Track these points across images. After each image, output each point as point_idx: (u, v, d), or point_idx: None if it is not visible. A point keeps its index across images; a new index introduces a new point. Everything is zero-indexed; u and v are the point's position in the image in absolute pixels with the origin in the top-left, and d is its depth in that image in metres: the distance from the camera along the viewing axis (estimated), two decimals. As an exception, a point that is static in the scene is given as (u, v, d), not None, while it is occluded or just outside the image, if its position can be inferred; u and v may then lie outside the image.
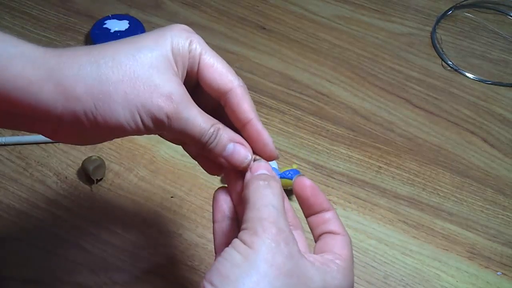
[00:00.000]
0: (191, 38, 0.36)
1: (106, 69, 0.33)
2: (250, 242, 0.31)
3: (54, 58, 0.33)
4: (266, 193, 0.33)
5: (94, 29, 0.70)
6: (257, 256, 0.30)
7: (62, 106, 0.32)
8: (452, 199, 0.58)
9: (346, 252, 0.35)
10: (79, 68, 0.33)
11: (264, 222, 0.31)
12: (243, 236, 0.31)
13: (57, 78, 0.32)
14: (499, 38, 0.76)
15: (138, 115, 0.33)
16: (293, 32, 0.75)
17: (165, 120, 0.34)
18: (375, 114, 0.66)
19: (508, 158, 0.62)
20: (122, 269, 0.51)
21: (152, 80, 0.33)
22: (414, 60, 0.72)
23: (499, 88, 0.69)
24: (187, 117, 0.34)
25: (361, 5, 0.79)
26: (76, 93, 0.32)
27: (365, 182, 0.59)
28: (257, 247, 0.30)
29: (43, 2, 0.76)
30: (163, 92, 0.33)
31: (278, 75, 0.69)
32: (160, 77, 0.34)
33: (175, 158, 0.60)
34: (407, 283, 0.52)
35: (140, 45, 0.35)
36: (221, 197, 0.38)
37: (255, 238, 0.31)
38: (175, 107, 0.34)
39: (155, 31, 0.36)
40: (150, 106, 0.33)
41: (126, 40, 0.36)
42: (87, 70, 0.33)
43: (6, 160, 0.59)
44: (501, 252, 0.54)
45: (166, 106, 0.33)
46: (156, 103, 0.33)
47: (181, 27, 0.37)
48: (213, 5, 0.78)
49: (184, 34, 0.36)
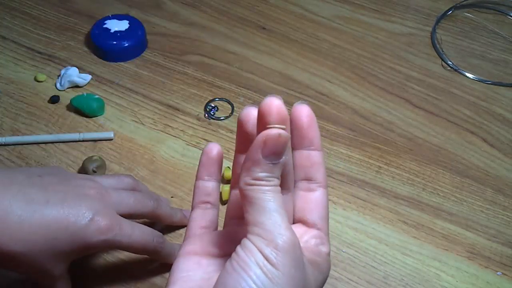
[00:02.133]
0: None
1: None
2: (275, 260, 0.29)
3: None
4: (272, 195, 0.31)
5: (94, 29, 0.70)
6: (283, 282, 0.29)
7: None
8: (452, 199, 0.58)
9: (326, 224, 0.35)
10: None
11: (282, 229, 0.30)
12: (261, 246, 0.29)
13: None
14: (499, 38, 0.76)
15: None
16: (293, 32, 0.75)
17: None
18: (375, 114, 0.66)
19: (508, 158, 0.62)
20: (122, 269, 0.51)
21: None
22: (414, 60, 0.72)
23: (499, 88, 0.69)
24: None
25: (361, 5, 0.79)
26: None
27: (365, 182, 0.59)
28: (283, 269, 0.29)
29: (43, 2, 0.76)
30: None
31: (278, 75, 0.69)
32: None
33: (175, 158, 0.60)
34: (407, 283, 0.52)
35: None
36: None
37: (279, 254, 0.29)
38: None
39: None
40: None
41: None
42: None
43: (6, 160, 0.59)
44: (501, 252, 0.54)
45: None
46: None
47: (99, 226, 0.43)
48: (213, 5, 0.78)
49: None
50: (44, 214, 0.41)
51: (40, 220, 0.40)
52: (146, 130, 0.62)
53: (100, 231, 0.42)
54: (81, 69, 0.67)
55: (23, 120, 0.63)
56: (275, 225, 0.30)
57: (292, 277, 0.29)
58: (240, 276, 0.29)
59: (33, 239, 0.40)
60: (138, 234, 0.44)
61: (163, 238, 0.47)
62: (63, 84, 0.65)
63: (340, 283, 0.51)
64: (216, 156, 0.37)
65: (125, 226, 0.44)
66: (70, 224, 0.41)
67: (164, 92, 0.66)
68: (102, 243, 0.42)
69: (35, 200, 0.41)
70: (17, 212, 0.40)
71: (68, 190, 0.43)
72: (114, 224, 0.43)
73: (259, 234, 0.30)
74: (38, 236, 0.40)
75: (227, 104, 0.65)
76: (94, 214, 0.42)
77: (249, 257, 0.29)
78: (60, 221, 0.41)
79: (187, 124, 0.63)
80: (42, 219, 0.40)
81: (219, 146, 0.37)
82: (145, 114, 0.64)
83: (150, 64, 0.70)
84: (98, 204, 0.43)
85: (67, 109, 0.64)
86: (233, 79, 0.68)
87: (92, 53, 0.70)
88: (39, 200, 0.41)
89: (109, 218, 0.43)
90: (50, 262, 0.42)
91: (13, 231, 0.39)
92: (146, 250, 0.45)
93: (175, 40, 0.73)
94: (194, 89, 0.67)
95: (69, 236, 0.41)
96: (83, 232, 0.41)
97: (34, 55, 0.69)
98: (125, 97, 0.65)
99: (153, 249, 0.46)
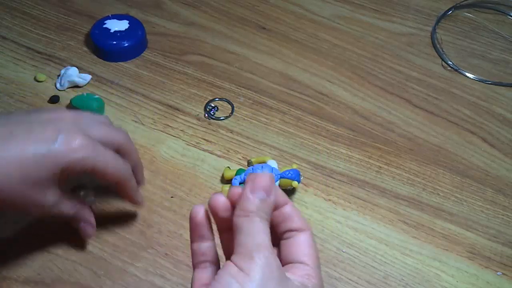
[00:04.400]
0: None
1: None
2: (247, 268, 0.32)
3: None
4: (257, 221, 0.34)
5: (94, 29, 0.70)
6: (253, 285, 0.31)
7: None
8: (452, 199, 0.58)
9: (313, 260, 0.36)
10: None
11: (259, 247, 0.33)
12: (237, 261, 0.32)
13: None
14: (499, 38, 0.76)
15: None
16: (293, 32, 0.75)
17: None
18: (375, 114, 0.66)
19: (508, 158, 0.62)
20: (122, 269, 0.51)
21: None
22: (414, 60, 0.72)
23: (499, 88, 0.69)
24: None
25: (361, 5, 0.79)
26: None
27: (365, 182, 0.59)
28: (253, 275, 0.31)
29: (43, 2, 0.76)
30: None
31: (278, 75, 0.69)
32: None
33: (175, 158, 0.60)
34: (407, 283, 0.52)
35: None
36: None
37: (252, 264, 0.32)
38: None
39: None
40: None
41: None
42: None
43: (6, 160, 0.59)
44: (501, 252, 0.54)
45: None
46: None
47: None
48: (213, 5, 0.78)
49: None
50: (9, 145, 0.41)
51: (7, 153, 0.40)
52: (146, 130, 0.62)
53: (72, 149, 0.42)
54: (81, 69, 0.67)
55: (23, 120, 0.63)
56: (255, 244, 0.33)
57: (264, 283, 0.31)
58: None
59: (5, 173, 0.40)
60: (111, 159, 0.44)
61: (130, 170, 0.47)
62: (63, 84, 0.65)
63: (340, 283, 0.51)
64: (203, 220, 0.37)
65: (99, 148, 0.44)
66: (37, 149, 0.41)
67: (164, 92, 0.66)
68: (78, 162, 0.42)
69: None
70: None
71: (35, 118, 0.43)
72: (87, 143, 0.43)
73: (239, 253, 0.33)
74: (10, 168, 0.40)
75: (227, 104, 0.65)
76: (64, 135, 0.42)
77: (224, 271, 0.32)
78: (25, 150, 0.41)
79: (187, 124, 0.63)
80: (8, 151, 0.40)
81: (203, 208, 0.37)
82: (145, 114, 0.64)
83: (150, 64, 0.70)
84: (68, 125, 0.43)
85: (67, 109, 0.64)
86: (233, 79, 0.68)
87: (92, 53, 0.70)
88: (2, 134, 0.41)
89: (82, 137, 0.43)
90: (34, 192, 0.42)
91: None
92: (118, 178, 0.45)
93: (175, 40, 0.73)
94: (194, 89, 0.67)
95: (39, 162, 0.41)
96: (53, 154, 0.41)
97: (34, 55, 0.69)
98: (125, 97, 0.65)
99: (124, 178, 0.46)
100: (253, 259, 0.32)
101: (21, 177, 0.41)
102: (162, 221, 0.54)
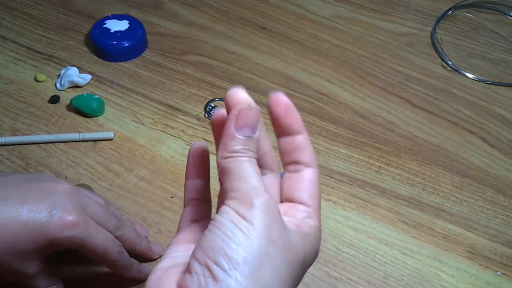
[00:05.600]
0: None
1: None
2: (249, 216, 0.30)
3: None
4: (246, 161, 0.32)
5: (94, 29, 0.70)
6: (258, 233, 0.29)
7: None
8: (452, 199, 0.58)
9: (315, 202, 0.34)
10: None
11: (257, 190, 0.30)
12: (237, 207, 0.30)
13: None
14: (499, 38, 0.76)
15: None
16: (293, 32, 0.75)
17: None
18: (375, 114, 0.66)
19: (508, 158, 0.62)
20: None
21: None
22: (414, 60, 0.72)
23: (499, 88, 0.69)
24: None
25: (361, 5, 0.79)
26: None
27: (365, 182, 0.59)
28: (256, 223, 0.29)
29: (43, 2, 0.76)
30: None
31: (278, 75, 0.69)
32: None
33: (175, 158, 0.60)
34: (407, 283, 0.52)
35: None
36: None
37: (253, 211, 0.30)
38: None
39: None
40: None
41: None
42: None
43: (6, 160, 0.59)
44: (501, 252, 0.54)
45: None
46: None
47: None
48: (213, 5, 0.78)
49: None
50: (1, 212, 0.40)
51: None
52: (146, 130, 0.62)
53: (65, 226, 0.41)
54: (81, 69, 0.67)
55: (23, 120, 0.63)
56: (251, 187, 0.30)
57: (268, 231, 0.29)
58: (215, 234, 0.29)
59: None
60: (102, 238, 0.43)
61: (122, 249, 0.46)
62: (63, 84, 0.65)
63: (340, 283, 0.51)
64: (202, 156, 0.37)
65: (92, 226, 0.43)
66: (30, 220, 0.40)
67: (164, 92, 0.66)
68: (68, 239, 0.41)
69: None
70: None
71: (31, 187, 0.42)
72: (80, 221, 0.42)
73: (235, 198, 0.30)
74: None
75: (227, 104, 0.65)
76: (58, 210, 0.41)
77: (224, 218, 0.30)
78: (18, 218, 0.40)
79: (187, 124, 0.63)
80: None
81: (204, 145, 0.37)
82: (145, 114, 0.64)
83: (150, 64, 0.70)
84: (65, 200, 0.42)
85: (67, 109, 0.64)
86: (233, 79, 0.68)
87: (92, 53, 0.70)
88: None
89: (76, 214, 0.42)
90: (17, 261, 0.41)
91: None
92: (106, 257, 0.44)
93: (175, 40, 0.73)
94: (194, 89, 0.67)
95: (29, 233, 0.40)
96: (45, 228, 0.41)
97: (34, 55, 0.69)
98: (125, 97, 0.65)
99: (113, 258, 0.44)
100: (253, 205, 0.30)
101: (8, 244, 0.40)
102: (162, 221, 0.54)
